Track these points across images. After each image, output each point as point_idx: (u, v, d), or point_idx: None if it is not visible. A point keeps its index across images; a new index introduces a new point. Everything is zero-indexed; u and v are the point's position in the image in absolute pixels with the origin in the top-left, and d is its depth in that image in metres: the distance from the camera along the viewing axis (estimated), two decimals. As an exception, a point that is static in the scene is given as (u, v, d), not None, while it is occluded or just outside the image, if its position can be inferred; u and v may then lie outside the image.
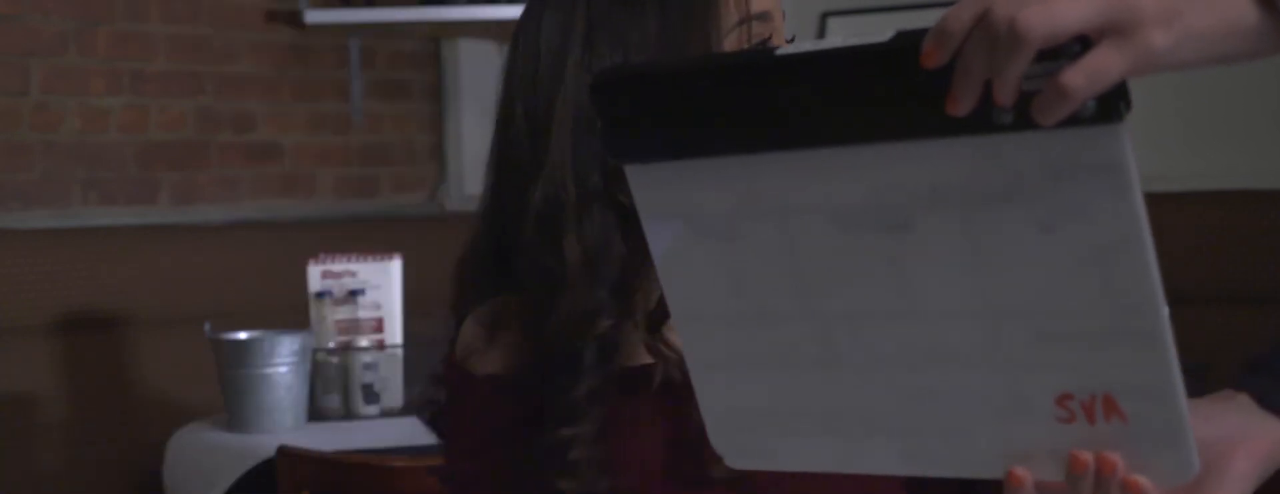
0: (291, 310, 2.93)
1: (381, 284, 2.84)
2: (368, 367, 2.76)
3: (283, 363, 2.63)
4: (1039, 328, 0.82)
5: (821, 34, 3.46)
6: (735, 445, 0.94)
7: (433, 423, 1.36)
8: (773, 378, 0.90)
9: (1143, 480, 0.84)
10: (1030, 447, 0.85)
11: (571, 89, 1.21)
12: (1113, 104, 0.76)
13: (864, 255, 0.84)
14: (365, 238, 3.27)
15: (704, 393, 0.94)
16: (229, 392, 2.64)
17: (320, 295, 2.81)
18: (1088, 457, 0.85)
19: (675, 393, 1.12)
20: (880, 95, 0.80)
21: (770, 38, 1.20)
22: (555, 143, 1.22)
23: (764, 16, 1.20)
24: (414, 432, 2.65)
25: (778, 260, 0.87)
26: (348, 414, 2.75)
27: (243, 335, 2.68)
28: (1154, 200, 0.82)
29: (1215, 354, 2.67)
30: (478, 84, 3.94)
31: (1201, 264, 2.86)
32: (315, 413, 2.74)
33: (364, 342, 2.79)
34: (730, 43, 1.19)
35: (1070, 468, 0.85)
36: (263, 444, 2.47)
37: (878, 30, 0.82)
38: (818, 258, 0.85)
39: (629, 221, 1.14)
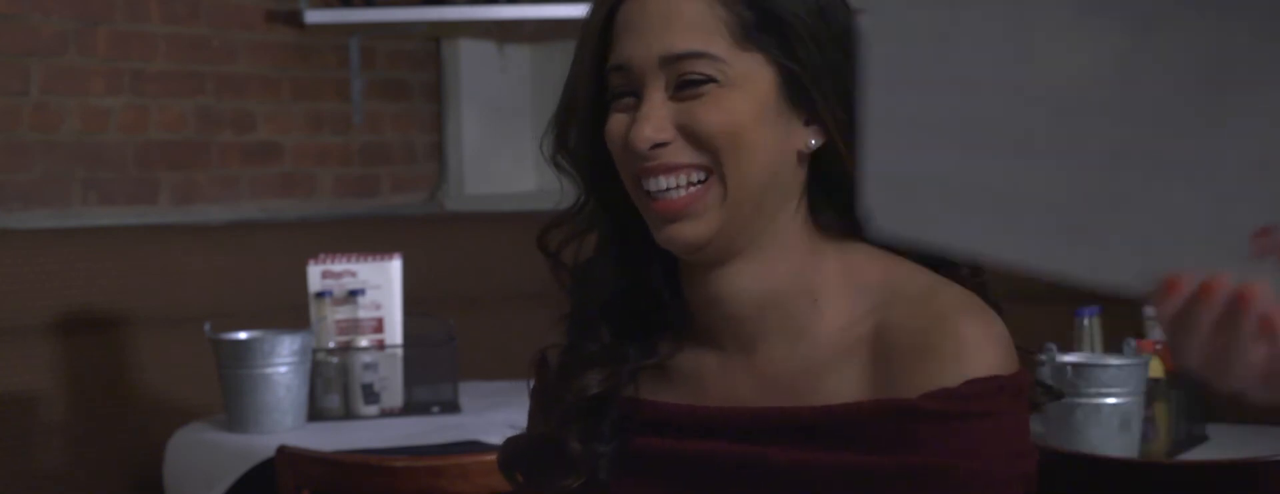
0: (291, 310, 2.93)
1: (381, 284, 2.84)
2: (368, 367, 2.76)
3: (283, 363, 2.63)
4: (1264, 154, 0.78)
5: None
6: (890, 209, 0.91)
7: None
8: (960, 151, 0.87)
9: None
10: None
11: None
12: None
13: (1097, 39, 0.80)
14: (365, 238, 3.27)
15: (871, 153, 0.91)
16: (229, 392, 2.64)
17: (320, 295, 2.81)
18: (1225, 283, 0.79)
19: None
20: None
21: (632, 88, 1.23)
22: (587, 171, 1.30)
23: (621, 67, 1.23)
24: (414, 431, 2.66)
25: (995, 31, 0.83)
26: (348, 414, 2.75)
27: (243, 335, 2.68)
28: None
29: (1215, 354, 2.67)
30: (478, 84, 3.94)
31: (1201, 264, 2.86)
32: (315, 413, 2.74)
33: (364, 342, 2.79)
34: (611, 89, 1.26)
35: (1198, 292, 0.80)
36: (263, 444, 2.47)
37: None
38: (1044, 35, 0.82)
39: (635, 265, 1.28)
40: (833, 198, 1.26)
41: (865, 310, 1.22)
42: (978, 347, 1.18)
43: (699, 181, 1.21)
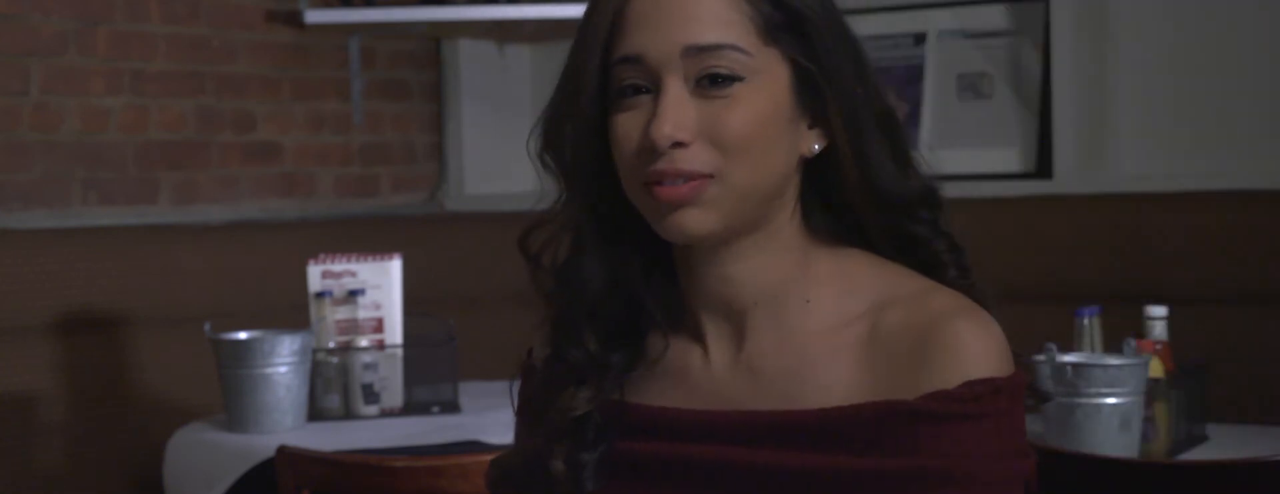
0: (291, 310, 2.93)
1: (381, 284, 2.84)
2: (368, 367, 2.76)
3: (283, 363, 2.63)
4: None
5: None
6: None
7: None
8: None
9: None
10: None
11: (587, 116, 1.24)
12: None
13: None
14: (365, 238, 3.27)
15: None
16: (229, 392, 2.64)
17: (320, 295, 2.81)
18: None
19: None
20: None
21: (643, 82, 1.19)
22: (575, 169, 1.25)
23: (631, 60, 1.19)
24: (414, 431, 2.66)
25: None
26: (348, 414, 2.75)
27: (243, 335, 2.68)
28: (1155, 200, 0.81)
29: (1215, 354, 2.67)
30: (478, 84, 3.94)
31: (1201, 264, 2.86)
32: (315, 413, 2.74)
33: (364, 342, 2.79)
34: (614, 82, 1.21)
35: None
36: (263, 444, 2.47)
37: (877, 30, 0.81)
38: None
39: (622, 265, 1.24)
40: (829, 201, 1.25)
41: (858, 313, 1.21)
42: (974, 349, 1.17)
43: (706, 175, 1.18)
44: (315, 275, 2.82)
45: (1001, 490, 1.16)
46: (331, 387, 2.76)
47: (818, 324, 1.22)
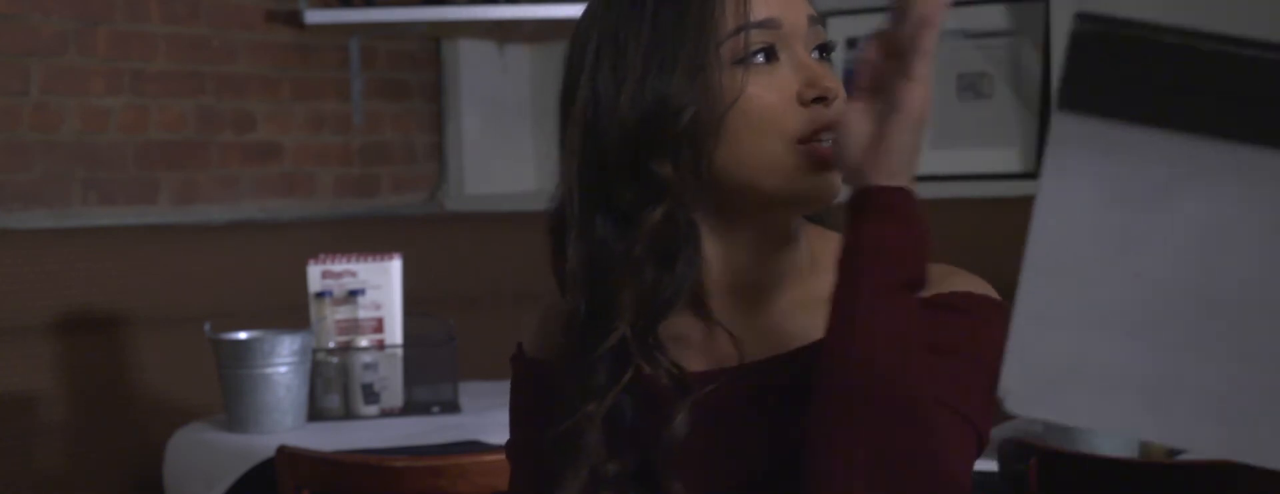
0: (291, 310, 2.93)
1: (381, 284, 2.85)
2: (368, 367, 2.76)
3: (283, 363, 2.63)
4: None
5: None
6: (1028, 395, 0.92)
7: None
8: (1120, 344, 0.89)
9: None
10: None
11: (579, 103, 1.21)
12: None
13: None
14: (365, 238, 3.27)
15: (1021, 339, 0.91)
16: (229, 392, 2.65)
17: (320, 295, 2.81)
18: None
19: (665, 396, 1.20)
20: None
21: (774, 46, 1.19)
22: (565, 155, 1.23)
23: (768, 23, 1.19)
24: (414, 431, 2.66)
25: (1188, 239, 0.85)
26: (348, 414, 2.75)
27: (243, 335, 2.68)
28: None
29: (1215, 354, 2.67)
30: (478, 84, 3.94)
31: (1201, 264, 2.86)
32: (315, 413, 2.74)
33: (364, 342, 2.79)
34: (727, 50, 1.18)
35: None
36: (263, 444, 2.47)
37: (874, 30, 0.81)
38: (1238, 249, 0.84)
39: (627, 227, 1.20)
40: None
41: None
42: (976, 285, 1.21)
43: None
44: (315, 275, 2.83)
45: (967, 422, 1.15)
46: (331, 387, 2.76)
47: (820, 291, 1.19)
